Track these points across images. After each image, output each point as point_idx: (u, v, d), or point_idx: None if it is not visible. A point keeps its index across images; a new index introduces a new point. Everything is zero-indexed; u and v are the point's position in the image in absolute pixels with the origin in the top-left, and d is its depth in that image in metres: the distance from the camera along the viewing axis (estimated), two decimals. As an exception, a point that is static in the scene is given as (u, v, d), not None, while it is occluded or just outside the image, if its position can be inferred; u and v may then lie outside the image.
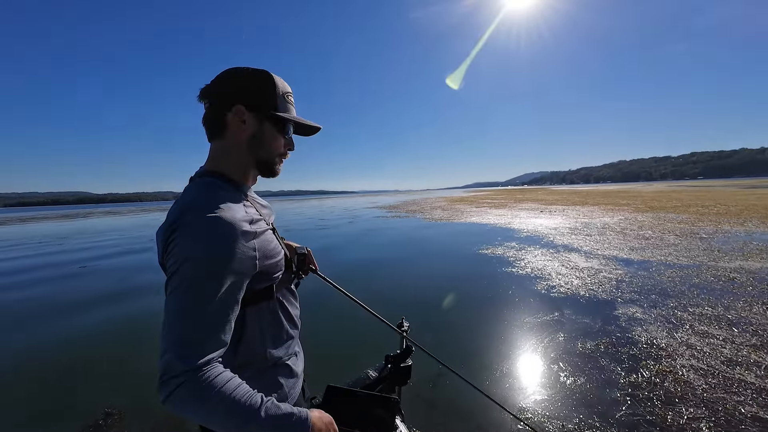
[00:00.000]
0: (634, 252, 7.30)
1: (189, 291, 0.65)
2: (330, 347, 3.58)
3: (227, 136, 0.82)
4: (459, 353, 3.33)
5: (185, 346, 0.63)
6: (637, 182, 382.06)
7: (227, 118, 0.81)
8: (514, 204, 26.06)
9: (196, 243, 0.66)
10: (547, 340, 3.46)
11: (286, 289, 0.94)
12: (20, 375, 3.30)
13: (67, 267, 8.81)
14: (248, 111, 0.81)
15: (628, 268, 6.00)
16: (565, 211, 17.62)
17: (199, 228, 0.67)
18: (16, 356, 3.71)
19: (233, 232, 0.70)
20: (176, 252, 0.67)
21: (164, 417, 2.54)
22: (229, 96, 0.80)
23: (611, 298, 4.57)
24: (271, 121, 0.84)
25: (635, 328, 3.63)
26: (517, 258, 7.21)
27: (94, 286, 6.65)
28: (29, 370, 3.39)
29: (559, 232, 10.59)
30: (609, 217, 14.00)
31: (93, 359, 3.57)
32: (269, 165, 0.88)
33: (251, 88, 0.81)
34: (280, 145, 0.87)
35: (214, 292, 0.66)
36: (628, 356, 3.08)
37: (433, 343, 3.54)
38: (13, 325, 4.71)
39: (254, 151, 0.84)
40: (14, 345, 4.02)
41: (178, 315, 0.64)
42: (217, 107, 0.81)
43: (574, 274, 5.75)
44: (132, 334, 4.19)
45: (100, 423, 2.50)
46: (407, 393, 2.05)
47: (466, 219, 16.23)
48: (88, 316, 4.91)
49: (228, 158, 0.83)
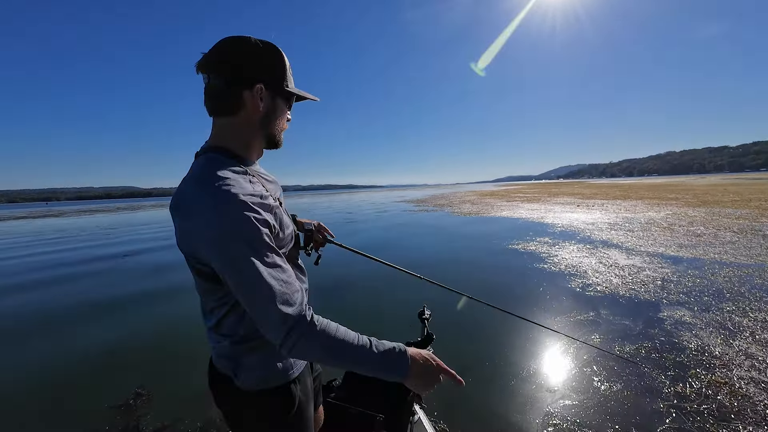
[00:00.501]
0: (683, 249, 6.68)
1: (247, 265, 0.68)
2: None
3: (241, 113, 0.80)
4: (483, 348, 3.17)
5: (285, 304, 0.69)
6: (687, 175, 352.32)
7: (244, 96, 0.78)
8: (548, 198, 24.89)
9: (220, 220, 0.68)
10: (579, 342, 3.21)
11: (294, 264, 0.92)
12: (63, 357, 3.55)
13: (110, 260, 9.49)
14: (266, 89, 0.80)
15: (676, 267, 5.49)
16: (604, 206, 16.55)
17: (215, 205, 0.68)
18: (62, 339, 4.01)
19: (245, 203, 0.70)
20: (202, 232, 0.69)
21: (191, 397, 2.62)
22: (247, 74, 0.77)
23: (655, 298, 4.18)
24: (283, 96, 0.84)
25: (683, 332, 3.29)
26: (550, 254, 6.83)
27: (133, 276, 7.09)
28: (72, 351, 3.64)
29: (597, 227, 9.94)
30: (654, 212, 12.97)
31: (129, 344, 3.78)
32: (276, 138, 0.88)
33: (269, 66, 0.80)
34: (286, 118, 0.88)
35: (263, 256, 0.70)
36: (674, 363, 2.78)
37: (457, 337, 3.41)
38: (61, 312, 5.11)
39: (265, 127, 0.84)
40: (60, 330, 4.36)
41: (257, 288, 0.68)
42: (233, 84, 0.77)
43: (613, 272, 5.34)
44: (170, 322, 4.40)
45: (130, 402, 2.62)
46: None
47: (496, 213, 15.69)
48: (127, 305, 5.24)
49: (236, 135, 0.82)
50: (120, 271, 7.45)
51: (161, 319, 4.44)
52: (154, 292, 5.69)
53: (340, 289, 5.12)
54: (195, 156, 0.82)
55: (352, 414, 1.10)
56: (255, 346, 0.83)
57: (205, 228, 0.68)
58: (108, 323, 4.36)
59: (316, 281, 1.08)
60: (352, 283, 5.41)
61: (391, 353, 0.75)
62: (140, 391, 2.73)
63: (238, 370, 0.83)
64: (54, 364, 3.32)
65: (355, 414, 1.10)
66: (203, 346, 3.25)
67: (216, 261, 0.70)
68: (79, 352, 3.57)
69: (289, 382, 0.88)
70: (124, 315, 4.66)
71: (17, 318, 4.71)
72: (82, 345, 3.73)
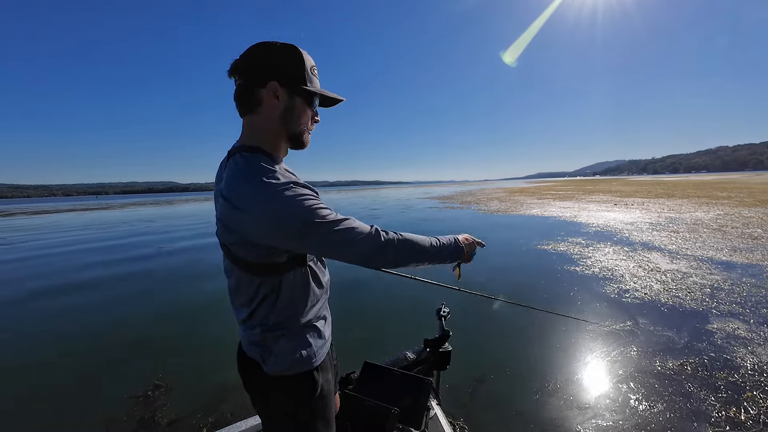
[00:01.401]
0: (736, 254, 6.05)
1: (324, 226, 0.77)
2: (367, 326, 3.50)
3: (260, 111, 0.86)
4: (506, 357, 2.97)
5: (370, 235, 0.83)
6: (742, 172, 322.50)
7: (261, 94, 0.84)
8: (582, 196, 23.64)
9: (278, 212, 0.75)
10: (616, 353, 2.94)
11: (319, 258, 0.99)
12: (91, 341, 3.73)
13: (147, 248, 10.00)
14: (281, 87, 0.84)
15: (728, 273, 4.96)
16: (645, 205, 15.46)
17: (268, 201, 0.75)
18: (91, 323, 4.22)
19: (296, 185, 0.78)
20: (262, 223, 0.76)
21: (210, 389, 2.65)
22: (262, 72, 0.83)
23: (703, 308, 3.77)
24: (302, 95, 0.87)
25: (737, 348, 2.92)
26: (583, 255, 6.41)
27: (166, 266, 7.42)
28: (103, 335, 3.82)
29: (637, 227, 9.26)
30: (702, 212, 11.92)
31: (152, 335, 3.91)
32: (299, 137, 0.92)
33: (284, 64, 0.84)
34: (309, 117, 0.92)
35: (328, 214, 0.79)
36: (726, 383, 2.47)
37: (479, 342, 3.23)
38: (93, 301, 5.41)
39: (286, 125, 0.88)
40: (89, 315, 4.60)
41: (339, 239, 0.79)
42: (251, 83, 0.84)
43: (655, 277, 4.91)
44: (199, 315, 4.53)
45: (149, 394, 2.67)
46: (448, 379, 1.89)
47: (526, 211, 15.07)
48: (162, 294, 5.46)
49: (262, 133, 0.88)
50: (160, 262, 7.82)
51: (190, 310, 4.57)
52: (185, 284, 5.90)
53: (356, 288, 5.05)
54: (228, 154, 0.89)
55: (367, 406, 1.12)
56: (283, 334, 0.89)
57: (268, 217, 0.75)
58: (142, 312, 4.55)
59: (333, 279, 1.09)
60: (365, 282, 5.33)
61: (450, 245, 1.01)
62: (159, 383, 2.79)
63: (266, 356, 0.89)
64: (80, 349, 3.49)
65: (371, 406, 1.12)
66: (224, 342, 3.27)
67: (292, 239, 0.78)
68: (111, 336, 3.74)
69: (313, 369, 0.93)
70: (153, 304, 4.85)
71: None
72: (115, 330, 3.91)
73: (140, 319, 4.32)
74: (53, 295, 5.53)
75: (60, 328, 4.14)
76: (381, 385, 1.24)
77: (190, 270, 6.90)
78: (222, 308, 4.32)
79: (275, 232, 0.77)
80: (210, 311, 4.44)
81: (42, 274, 7.03)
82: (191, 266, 7.22)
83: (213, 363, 3.08)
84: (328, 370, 1.00)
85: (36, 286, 6.06)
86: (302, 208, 0.76)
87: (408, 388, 1.21)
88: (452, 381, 2.57)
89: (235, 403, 2.48)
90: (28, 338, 3.88)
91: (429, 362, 1.51)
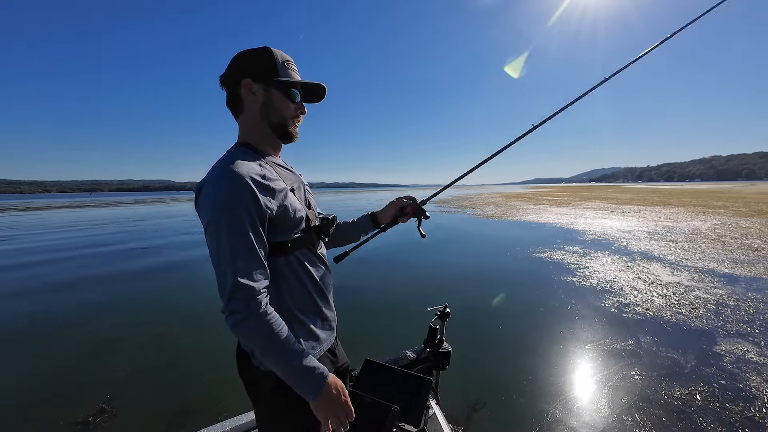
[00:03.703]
0: (738, 266, 5.83)
1: (220, 233, 0.77)
2: (367, 323, 3.55)
3: (244, 109, 0.92)
4: (497, 385, 2.70)
5: (247, 278, 0.77)
6: (735, 181, 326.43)
7: (241, 94, 0.91)
8: (578, 202, 23.52)
9: (214, 193, 0.79)
10: (617, 378, 2.67)
11: (309, 251, 0.97)
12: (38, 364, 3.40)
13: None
14: (255, 82, 0.90)
15: (733, 288, 4.73)
16: (641, 213, 15.30)
17: (216, 182, 0.80)
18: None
19: (243, 181, 0.79)
20: (202, 202, 0.81)
21: (158, 414, 2.34)
22: (237, 73, 0.90)
23: (709, 327, 3.53)
24: (277, 87, 0.91)
25: (749, 375, 2.67)
26: (580, 265, 6.16)
27: (147, 265, 7.08)
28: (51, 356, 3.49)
29: (635, 236, 9.05)
30: (700, 221, 11.76)
31: (107, 352, 3.58)
32: (283, 128, 0.95)
33: (254, 62, 0.90)
34: (290, 108, 0.94)
35: (240, 230, 0.78)
36: (741, 420, 2.20)
37: (470, 364, 2.94)
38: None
39: (267, 118, 0.92)
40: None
41: (223, 256, 0.77)
42: (231, 86, 0.92)
43: (656, 291, 4.66)
44: (153, 335, 4.21)
45: (89, 420, 2.36)
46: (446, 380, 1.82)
47: (522, 217, 14.85)
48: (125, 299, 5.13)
49: (248, 129, 0.94)
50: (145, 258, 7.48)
51: (145, 328, 4.25)
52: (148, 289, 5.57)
53: (357, 286, 4.77)
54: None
55: (366, 403, 1.11)
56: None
57: (204, 197, 0.79)
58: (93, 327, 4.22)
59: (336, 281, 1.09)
60: (367, 280, 5.04)
61: (314, 371, 0.82)
62: (105, 407, 2.48)
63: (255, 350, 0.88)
64: (25, 371, 3.16)
65: (370, 403, 1.12)
66: (184, 360, 2.95)
67: (205, 228, 0.80)
68: (58, 355, 3.41)
69: None
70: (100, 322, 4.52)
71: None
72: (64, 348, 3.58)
73: (94, 330, 4.00)
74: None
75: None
76: (381, 383, 1.25)
77: (166, 267, 6.57)
78: (184, 323, 4.01)
79: (199, 212, 0.82)
80: (172, 331, 4.13)
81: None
82: (167, 265, 6.89)
83: (165, 388, 2.78)
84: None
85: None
86: (220, 200, 0.78)
87: (408, 386, 1.22)
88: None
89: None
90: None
91: (429, 362, 1.53)
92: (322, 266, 1.00)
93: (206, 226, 0.78)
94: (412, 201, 1.34)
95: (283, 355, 0.78)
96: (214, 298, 5.01)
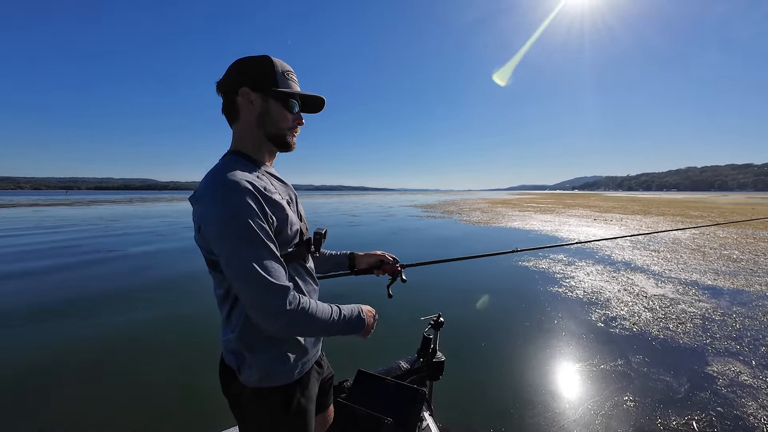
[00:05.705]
0: (721, 278, 5.82)
1: (238, 250, 0.77)
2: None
3: (240, 117, 0.92)
4: (477, 408, 2.47)
5: (273, 292, 0.77)
6: (709, 192, 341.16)
7: (238, 102, 0.91)
8: (562, 209, 23.83)
9: (220, 206, 0.77)
10: (609, 405, 2.48)
11: (300, 265, 0.97)
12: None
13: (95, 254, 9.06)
14: (253, 91, 0.89)
15: (717, 301, 4.67)
16: (623, 221, 15.54)
17: (218, 193, 0.78)
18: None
19: (247, 192, 0.79)
20: (207, 217, 0.79)
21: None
22: (235, 82, 0.90)
23: (698, 344, 3.40)
24: (275, 97, 0.91)
25: (745, 400, 2.52)
26: (565, 275, 6.05)
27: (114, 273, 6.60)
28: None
29: (618, 245, 9.07)
30: (679, 231, 11.96)
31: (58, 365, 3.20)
32: (281, 138, 0.95)
33: (253, 71, 0.90)
34: (288, 119, 0.94)
35: (255, 243, 0.78)
36: (742, 453, 2.04)
37: (463, 375, 2.71)
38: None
39: (264, 128, 0.92)
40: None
41: (240, 267, 0.76)
42: (228, 94, 0.91)
43: (642, 304, 4.55)
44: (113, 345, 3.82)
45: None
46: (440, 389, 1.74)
47: (507, 224, 14.85)
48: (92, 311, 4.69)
49: (244, 138, 0.93)
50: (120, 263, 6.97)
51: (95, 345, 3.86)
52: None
53: (349, 295, 4.47)
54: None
55: (360, 415, 1.10)
56: (258, 343, 0.88)
57: (208, 212, 0.78)
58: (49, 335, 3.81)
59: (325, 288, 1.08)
60: (358, 289, 4.75)
61: (353, 317, 0.94)
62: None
63: (241, 366, 0.89)
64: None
65: (364, 415, 1.10)
66: (138, 386, 2.60)
67: (214, 243, 0.79)
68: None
69: (291, 384, 0.92)
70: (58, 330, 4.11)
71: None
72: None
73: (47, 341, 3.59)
74: None
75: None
76: (374, 395, 1.23)
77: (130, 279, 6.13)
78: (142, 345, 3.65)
79: (205, 230, 0.80)
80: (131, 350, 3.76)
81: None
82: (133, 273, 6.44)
83: (115, 414, 2.44)
84: (310, 386, 0.99)
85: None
86: (226, 217, 0.77)
87: (402, 398, 1.20)
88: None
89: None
90: None
91: (422, 372, 1.51)
92: (310, 280, 1.00)
93: (220, 239, 0.77)
94: (393, 261, 1.34)
95: (329, 327, 0.87)
96: (188, 305, 4.58)
